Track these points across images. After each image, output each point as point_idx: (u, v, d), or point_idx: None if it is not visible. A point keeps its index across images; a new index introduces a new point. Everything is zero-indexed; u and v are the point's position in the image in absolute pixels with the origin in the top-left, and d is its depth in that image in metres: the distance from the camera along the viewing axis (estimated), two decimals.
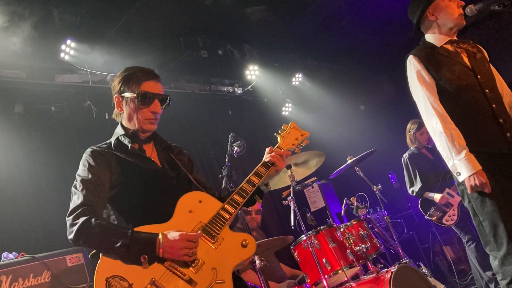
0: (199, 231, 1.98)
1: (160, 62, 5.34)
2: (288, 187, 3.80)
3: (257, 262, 3.19)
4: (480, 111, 2.64)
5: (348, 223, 3.76)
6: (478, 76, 2.70)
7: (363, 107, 8.41)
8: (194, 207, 2.08)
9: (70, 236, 1.88)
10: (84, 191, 1.98)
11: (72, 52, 4.55)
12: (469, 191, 2.51)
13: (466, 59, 2.76)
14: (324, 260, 3.44)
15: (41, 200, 4.19)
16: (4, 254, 3.21)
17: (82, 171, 2.08)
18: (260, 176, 2.29)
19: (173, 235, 1.86)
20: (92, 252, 1.90)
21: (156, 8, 4.63)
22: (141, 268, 1.82)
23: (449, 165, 2.57)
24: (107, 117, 4.94)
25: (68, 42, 4.48)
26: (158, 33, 5.01)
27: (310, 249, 3.44)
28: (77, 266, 3.34)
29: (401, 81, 2.88)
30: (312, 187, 5.79)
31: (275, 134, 2.69)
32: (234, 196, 2.17)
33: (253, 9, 5.28)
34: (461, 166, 2.50)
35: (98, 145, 2.23)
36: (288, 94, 7.14)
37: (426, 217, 5.07)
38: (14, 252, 3.24)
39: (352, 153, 4.76)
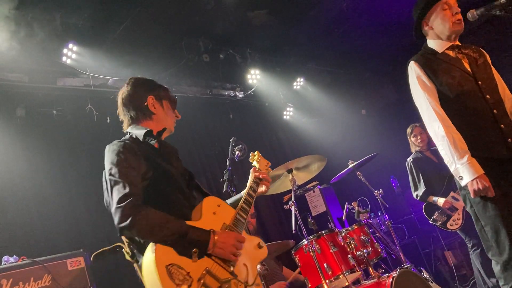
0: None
1: (162, 66, 5.35)
2: (289, 192, 3.80)
3: (258, 267, 3.18)
4: (481, 117, 2.64)
5: (350, 228, 3.75)
6: (479, 82, 2.70)
7: (365, 111, 8.40)
8: (216, 210, 2.19)
9: (124, 223, 1.87)
10: (127, 180, 1.99)
11: (74, 55, 4.56)
12: (472, 195, 2.50)
13: (467, 65, 2.76)
14: (325, 265, 3.43)
15: (42, 203, 4.20)
16: (5, 257, 3.21)
17: (118, 161, 2.07)
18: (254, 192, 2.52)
19: (226, 233, 2.01)
20: (97, 253, 1.89)
21: (158, 12, 4.65)
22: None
23: (451, 169, 2.57)
24: (108, 120, 4.95)
25: (70, 45, 4.49)
26: (160, 37, 5.02)
27: (311, 253, 3.43)
28: (77, 270, 3.34)
29: (402, 85, 2.88)
30: (313, 191, 5.77)
31: (249, 159, 2.98)
32: (242, 205, 2.32)
33: (255, 14, 5.30)
34: (463, 170, 2.49)
35: (125, 139, 2.25)
36: (290, 98, 7.14)
37: (430, 221, 4.99)
38: (14, 256, 3.24)
39: (353, 158, 4.75)
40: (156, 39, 5.00)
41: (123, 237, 2.02)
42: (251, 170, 2.69)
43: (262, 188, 2.61)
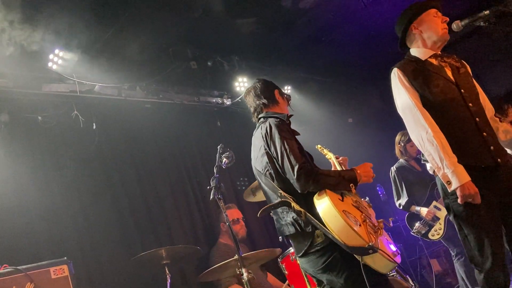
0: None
1: (149, 72, 5.33)
2: None
3: (245, 274, 3.17)
4: (464, 125, 2.66)
5: None
6: (462, 90, 2.73)
7: (351, 119, 8.46)
8: None
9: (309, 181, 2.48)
10: (300, 152, 2.60)
11: (60, 61, 4.52)
12: (460, 201, 2.50)
13: (450, 73, 2.79)
14: None
15: (26, 210, 4.13)
16: None
17: (286, 138, 2.62)
18: None
19: (363, 165, 2.74)
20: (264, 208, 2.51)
21: (145, 19, 4.64)
22: (351, 206, 2.46)
23: (440, 174, 2.56)
24: (94, 127, 4.90)
25: (57, 51, 4.46)
26: (148, 43, 5.00)
27: (298, 261, 3.42)
28: (61, 278, 3.28)
29: (388, 94, 2.91)
30: None
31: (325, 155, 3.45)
32: None
33: (243, 21, 5.32)
34: (452, 175, 2.49)
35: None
36: None
37: (412, 232, 5.05)
38: None
39: None
40: (144, 45, 4.98)
41: (286, 194, 2.51)
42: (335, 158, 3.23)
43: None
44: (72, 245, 4.22)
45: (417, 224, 4.97)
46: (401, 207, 5.16)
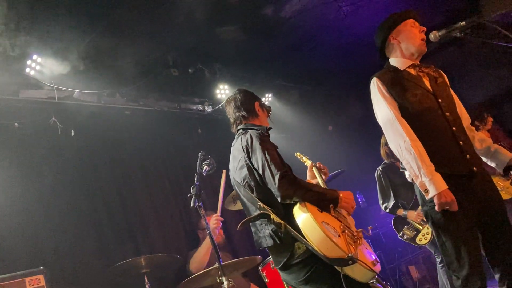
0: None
1: (129, 79, 5.29)
2: None
3: (225, 283, 3.15)
4: (441, 133, 2.71)
5: None
6: (439, 100, 2.79)
7: (331, 127, 8.53)
8: None
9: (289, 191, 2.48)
10: (281, 162, 2.64)
11: (38, 67, 4.45)
12: (437, 208, 2.54)
13: (427, 83, 2.85)
14: None
15: (0, 219, 4.03)
16: None
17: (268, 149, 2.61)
18: None
19: (347, 192, 2.67)
20: (244, 221, 2.48)
21: (126, 26, 4.60)
22: (330, 217, 2.47)
23: (417, 182, 2.59)
24: (72, 134, 4.83)
25: (35, 57, 4.39)
26: (128, 50, 4.97)
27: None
28: None
29: (368, 103, 2.95)
30: None
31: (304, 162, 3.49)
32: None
33: (224, 29, 5.32)
34: (430, 183, 2.53)
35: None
36: None
37: (399, 236, 4.89)
38: None
39: None
40: (124, 52, 4.94)
41: (265, 206, 2.51)
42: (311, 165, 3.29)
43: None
44: (48, 254, 4.14)
45: (404, 228, 4.81)
46: (387, 210, 4.98)
